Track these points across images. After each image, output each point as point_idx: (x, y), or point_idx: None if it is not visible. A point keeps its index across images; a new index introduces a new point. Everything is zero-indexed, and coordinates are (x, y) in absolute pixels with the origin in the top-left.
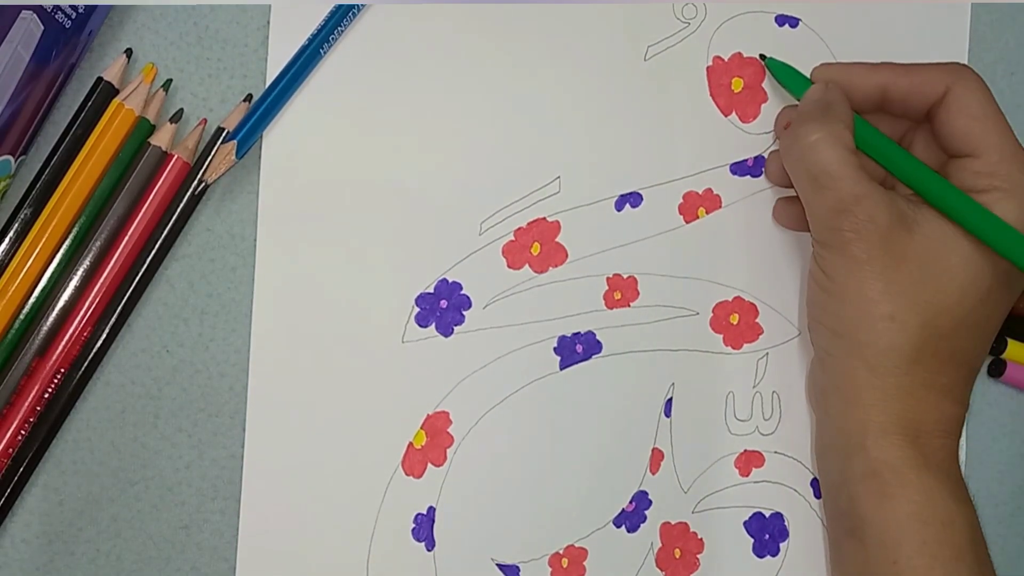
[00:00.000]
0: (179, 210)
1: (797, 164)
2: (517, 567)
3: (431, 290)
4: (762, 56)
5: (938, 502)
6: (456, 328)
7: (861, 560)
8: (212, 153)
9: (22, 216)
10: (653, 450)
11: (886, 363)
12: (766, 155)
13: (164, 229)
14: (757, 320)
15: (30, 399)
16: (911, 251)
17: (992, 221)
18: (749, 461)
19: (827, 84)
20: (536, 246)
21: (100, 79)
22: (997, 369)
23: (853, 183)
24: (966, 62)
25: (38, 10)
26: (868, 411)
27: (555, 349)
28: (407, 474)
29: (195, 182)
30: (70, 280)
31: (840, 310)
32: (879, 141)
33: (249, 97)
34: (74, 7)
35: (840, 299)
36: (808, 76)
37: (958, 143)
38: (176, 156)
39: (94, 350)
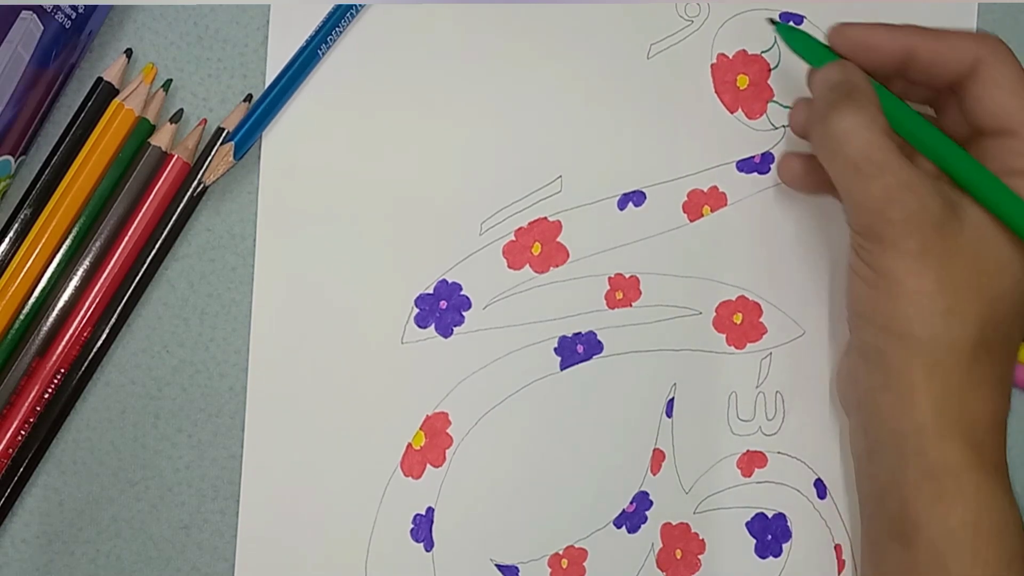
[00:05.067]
0: (179, 210)
1: (834, 156)
2: (516, 568)
3: (431, 291)
4: (771, 20)
5: (993, 506)
6: (456, 329)
7: (908, 565)
8: (212, 154)
9: (22, 216)
10: (654, 450)
11: (947, 360)
12: (775, 152)
13: (164, 229)
14: (761, 319)
15: (30, 399)
16: (963, 240)
17: None
18: (752, 461)
19: (843, 64)
20: (537, 246)
21: (100, 79)
22: None
23: (899, 170)
24: None
25: (38, 10)
26: (925, 411)
27: (556, 349)
28: (406, 475)
29: (195, 182)
30: (70, 280)
31: (891, 306)
32: (912, 122)
33: (249, 97)
34: (74, 7)
35: (891, 294)
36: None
37: (992, 120)
38: (176, 156)
39: (94, 350)
